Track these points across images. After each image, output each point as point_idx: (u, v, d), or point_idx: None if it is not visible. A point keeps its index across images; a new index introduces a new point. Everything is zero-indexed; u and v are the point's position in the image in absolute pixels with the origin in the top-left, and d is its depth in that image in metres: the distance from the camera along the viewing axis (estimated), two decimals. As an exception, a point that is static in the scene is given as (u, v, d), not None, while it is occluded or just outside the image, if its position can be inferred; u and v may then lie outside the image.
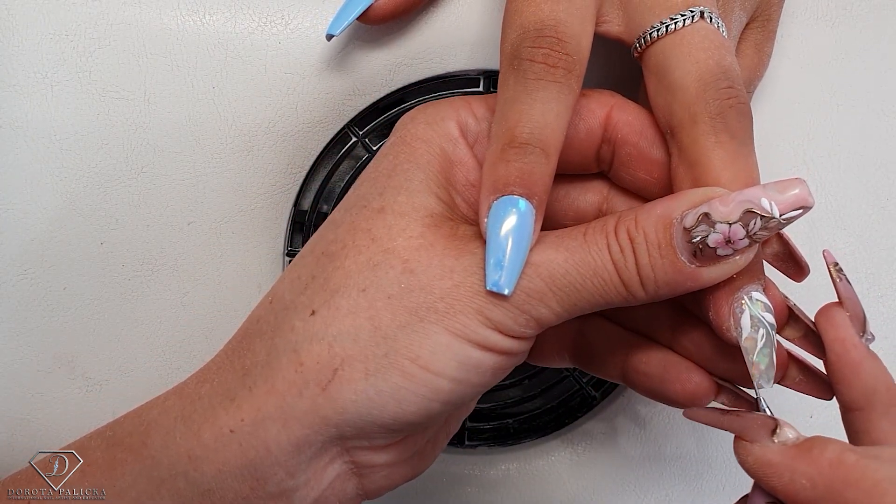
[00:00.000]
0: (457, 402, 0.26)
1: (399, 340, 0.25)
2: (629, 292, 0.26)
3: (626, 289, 0.25)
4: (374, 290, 0.25)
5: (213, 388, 0.27)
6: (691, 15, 0.27)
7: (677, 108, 0.26)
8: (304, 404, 0.25)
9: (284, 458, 0.26)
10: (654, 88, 0.27)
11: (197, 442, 0.26)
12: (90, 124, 0.35)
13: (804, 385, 0.30)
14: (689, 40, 0.26)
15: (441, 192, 0.27)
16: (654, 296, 0.26)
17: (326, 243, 0.27)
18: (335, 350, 0.25)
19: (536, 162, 0.25)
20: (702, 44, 0.26)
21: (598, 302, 0.26)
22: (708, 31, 0.27)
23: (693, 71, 0.26)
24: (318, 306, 0.26)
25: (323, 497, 0.27)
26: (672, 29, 0.27)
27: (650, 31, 0.27)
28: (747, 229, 0.24)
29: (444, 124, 0.28)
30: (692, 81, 0.26)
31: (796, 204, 0.24)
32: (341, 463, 0.27)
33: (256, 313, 0.28)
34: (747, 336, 0.26)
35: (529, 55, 0.25)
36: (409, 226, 0.26)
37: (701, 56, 0.26)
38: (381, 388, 0.25)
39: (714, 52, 0.26)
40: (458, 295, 0.25)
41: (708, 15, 0.27)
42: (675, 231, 0.25)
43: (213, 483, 0.26)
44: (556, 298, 0.25)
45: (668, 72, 0.27)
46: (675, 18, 0.27)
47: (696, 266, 0.25)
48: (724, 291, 0.26)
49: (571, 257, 0.25)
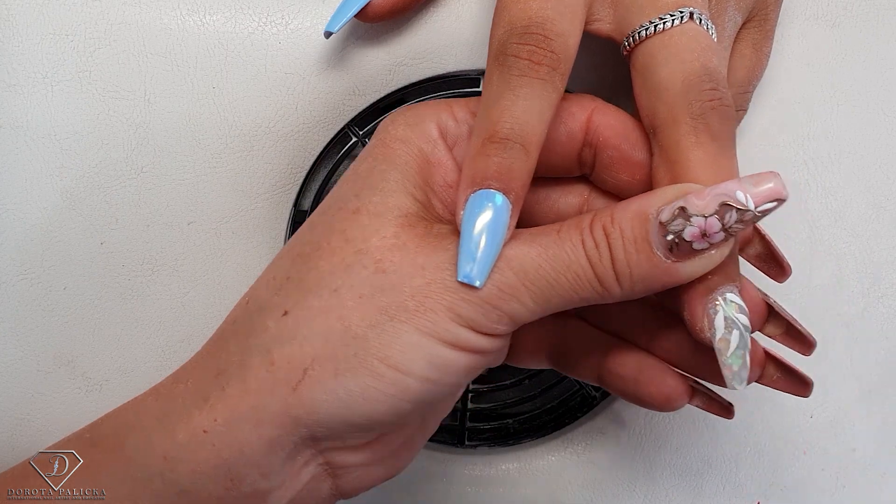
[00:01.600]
0: (429, 402, 0.26)
1: (369, 340, 0.25)
2: (604, 288, 0.26)
3: (601, 284, 0.25)
4: (346, 290, 0.25)
5: (188, 388, 0.27)
6: (680, 15, 0.27)
7: (660, 107, 0.26)
8: (276, 404, 0.25)
9: (257, 458, 0.26)
10: (639, 88, 0.28)
11: (172, 443, 0.26)
12: (90, 124, 0.34)
13: (781, 382, 0.30)
14: (676, 41, 0.27)
15: (417, 193, 0.27)
16: (629, 292, 0.26)
17: (302, 245, 0.27)
18: (306, 350, 0.25)
19: (516, 158, 0.25)
20: (688, 45, 0.26)
21: (572, 298, 0.26)
22: (696, 32, 0.27)
23: (678, 71, 0.26)
24: (290, 307, 0.26)
25: (298, 498, 0.27)
26: (660, 29, 0.27)
27: (638, 31, 0.27)
28: (723, 222, 0.24)
29: (423, 126, 0.28)
30: (676, 82, 0.26)
31: (771, 196, 0.24)
32: (315, 465, 0.27)
33: (233, 314, 0.28)
34: (721, 337, 0.26)
35: (515, 51, 0.25)
36: (383, 226, 0.26)
37: (686, 57, 0.26)
38: (351, 388, 0.25)
39: (700, 53, 0.26)
40: (428, 292, 0.25)
41: (697, 16, 0.27)
42: (652, 226, 0.25)
43: (189, 484, 0.26)
44: (529, 294, 0.25)
45: (654, 71, 0.27)
46: (663, 18, 0.27)
47: (672, 261, 0.25)
48: (698, 292, 0.26)
49: (545, 252, 0.25)
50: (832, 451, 0.40)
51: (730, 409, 0.31)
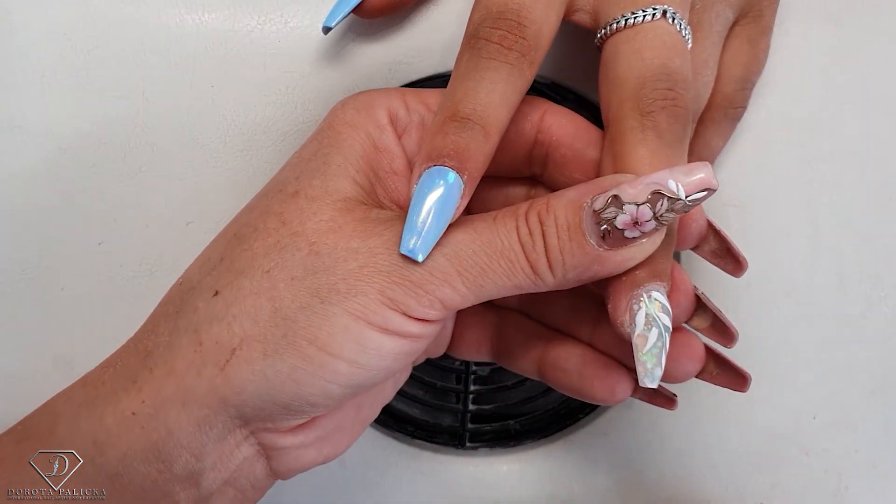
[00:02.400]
0: (359, 386, 0.26)
1: (298, 322, 0.25)
2: (537, 275, 0.26)
3: (534, 271, 0.26)
4: (278, 271, 0.25)
5: (116, 371, 0.27)
6: (652, 12, 0.27)
7: (614, 100, 0.27)
8: (203, 385, 0.25)
9: (187, 439, 0.26)
10: (601, 79, 0.28)
11: (100, 427, 0.26)
12: (88, 123, 0.34)
13: (721, 378, 0.30)
14: (642, 37, 0.27)
15: (359, 177, 0.27)
16: (562, 280, 0.26)
17: (239, 226, 0.27)
18: (234, 330, 0.25)
19: (473, 138, 0.25)
20: (652, 42, 0.27)
21: (505, 285, 0.26)
22: (664, 30, 0.27)
23: (636, 67, 0.26)
24: (221, 287, 0.26)
25: (233, 478, 0.27)
26: (630, 23, 0.27)
27: (611, 23, 0.27)
28: (654, 210, 0.24)
29: (373, 111, 0.28)
30: (632, 77, 0.26)
31: (701, 186, 0.24)
32: (248, 445, 0.27)
33: (166, 296, 0.28)
34: (639, 333, 0.26)
35: (486, 35, 0.26)
36: (320, 209, 0.26)
37: (647, 54, 0.26)
38: (279, 369, 0.25)
39: (662, 51, 0.27)
40: (360, 275, 0.25)
41: (671, 15, 0.27)
42: (586, 214, 0.25)
43: (119, 467, 0.26)
44: (461, 278, 0.25)
45: (615, 64, 0.27)
46: (635, 13, 0.27)
47: (605, 249, 0.25)
48: (624, 285, 0.26)
49: (479, 237, 0.25)
50: (835, 453, 0.39)
51: (673, 400, 0.32)
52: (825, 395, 0.39)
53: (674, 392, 0.31)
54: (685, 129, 0.27)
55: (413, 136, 0.29)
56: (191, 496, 0.27)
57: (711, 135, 0.35)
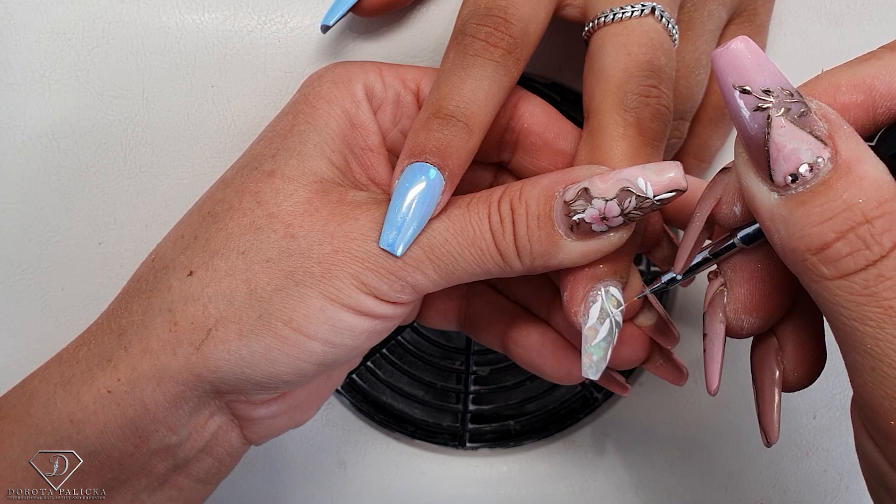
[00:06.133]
0: (331, 363, 0.27)
1: (273, 303, 0.25)
2: (506, 263, 0.26)
3: (503, 259, 0.26)
4: (254, 252, 0.26)
5: (91, 350, 0.27)
6: (641, 9, 0.27)
7: (598, 92, 0.27)
8: (178, 363, 0.26)
9: (163, 414, 0.26)
10: (586, 71, 0.28)
11: (77, 405, 0.26)
12: (88, 123, 0.34)
13: (663, 369, 0.31)
14: (629, 32, 0.27)
15: (335, 157, 0.28)
16: (530, 267, 0.26)
17: (213, 203, 0.28)
18: (209, 311, 0.26)
19: (456, 135, 0.25)
20: (639, 38, 0.27)
21: (475, 271, 0.26)
22: (651, 28, 0.27)
23: (622, 61, 0.27)
24: (196, 267, 0.26)
25: (208, 447, 0.28)
26: (618, 18, 0.27)
27: (599, 17, 0.28)
28: (622, 207, 0.25)
29: (350, 85, 0.28)
30: (618, 71, 0.26)
31: (670, 186, 0.24)
32: (221, 416, 0.28)
33: (138, 272, 0.28)
34: (591, 325, 0.26)
35: (473, 31, 0.26)
36: (296, 191, 0.26)
37: (634, 50, 0.27)
38: (254, 349, 0.25)
39: (649, 48, 0.27)
40: (335, 260, 0.25)
41: (659, 13, 0.27)
42: (556, 203, 0.25)
43: (97, 444, 0.26)
44: (433, 266, 0.26)
45: (601, 58, 0.27)
46: (623, 9, 0.27)
47: (572, 239, 0.25)
48: (584, 277, 0.27)
49: (452, 226, 0.26)
50: (835, 452, 0.39)
51: (626, 387, 0.32)
52: (825, 395, 0.39)
53: (625, 378, 0.32)
54: (666, 127, 0.27)
55: (388, 112, 0.29)
56: (168, 465, 0.28)
57: (709, 135, 0.35)
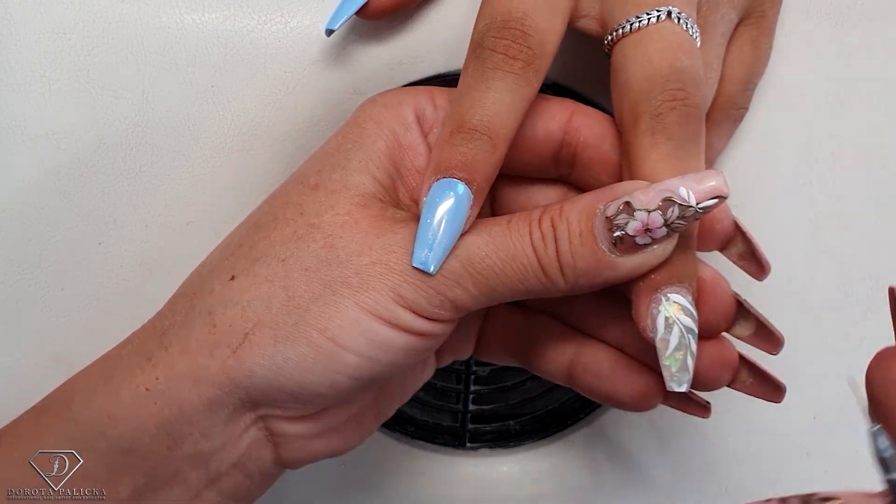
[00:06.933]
0: (366, 379, 0.26)
1: (310, 311, 0.26)
2: (549, 279, 0.26)
3: (546, 276, 0.26)
4: (294, 260, 0.26)
5: (133, 348, 0.28)
6: (657, 14, 0.27)
7: (625, 106, 0.27)
8: (215, 365, 0.26)
9: (197, 417, 0.26)
10: (612, 86, 0.28)
11: (116, 401, 0.26)
12: (88, 123, 0.34)
13: (754, 388, 0.30)
14: (648, 39, 0.27)
15: (380, 174, 0.28)
16: (573, 285, 0.26)
17: (260, 214, 0.28)
18: (248, 315, 0.26)
19: (481, 149, 0.25)
20: (658, 44, 0.27)
21: (517, 288, 0.26)
22: (670, 31, 0.27)
23: (644, 70, 0.26)
24: (238, 272, 0.27)
25: (241, 463, 0.28)
26: (636, 27, 0.27)
27: (618, 28, 0.27)
28: (665, 217, 0.25)
29: (400, 108, 0.29)
30: (639, 80, 0.26)
31: (712, 193, 0.24)
32: (256, 429, 0.28)
33: (188, 277, 0.29)
34: (660, 337, 0.26)
35: (491, 45, 0.26)
36: (337, 203, 0.27)
37: (654, 56, 0.26)
38: (288, 356, 0.26)
39: (669, 52, 0.26)
40: (373, 272, 0.25)
41: (676, 15, 0.27)
42: (598, 220, 0.25)
43: (131, 442, 0.26)
44: (473, 281, 0.26)
45: (624, 69, 0.27)
46: (640, 17, 0.27)
47: (616, 255, 0.25)
48: (643, 290, 0.26)
49: (492, 241, 0.26)
50: (836, 453, 0.39)
51: (707, 408, 0.31)
52: (825, 395, 0.39)
53: (707, 400, 0.31)
54: (698, 126, 0.27)
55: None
56: (200, 476, 0.27)
57: (713, 136, 0.35)
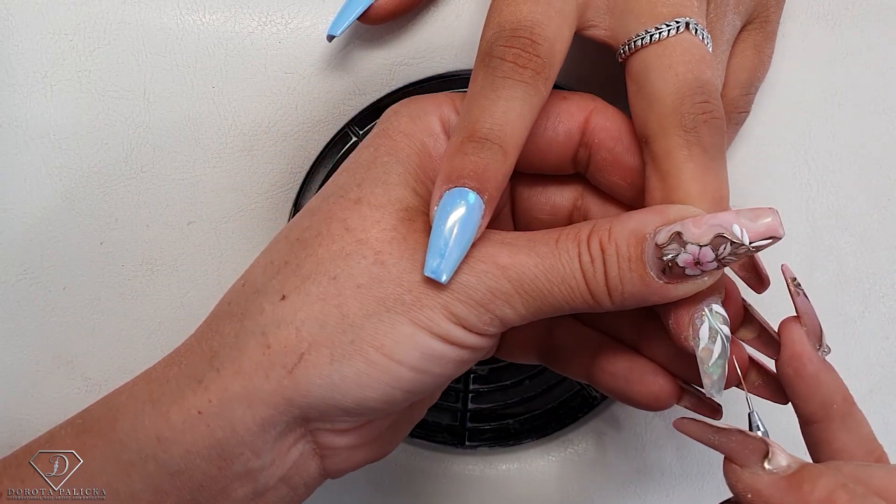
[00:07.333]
0: (418, 391, 0.27)
1: (365, 329, 0.26)
2: (596, 301, 0.26)
3: (594, 298, 0.26)
4: (345, 278, 0.26)
5: (181, 370, 0.27)
6: (676, 26, 0.27)
7: (653, 118, 0.27)
8: (270, 386, 0.26)
9: (250, 437, 0.26)
10: (633, 96, 0.28)
11: (165, 424, 0.26)
12: (90, 124, 0.34)
13: (762, 389, 0.30)
14: (671, 52, 0.27)
15: (418, 187, 0.28)
16: (620, 306, 0.26)
17: (302, 230, 0.28)
18: (302, 335, 0.26)
19: (492, 158, 0.25)
20: (682, 56, 0.27)
21: (563, 308, 0.26)
22: (691, 43, 0.27)
23: (671, 83, 0.26)
24: (288, 291, 0.26)
25: (287, 476, 0.28)
26: (656, 39, 0.27)
27: (635, 40, 0.27)
28: (717, 253, 0.25)
29: (426, 119, 0.29)
30: (669, 94, 0.26)
31: (767, 233, 0.24)
32: (304, 443, 0.28)
33: (228, 296, 0.29)
34: (704, 346, 0.26)
35: (500, 53, 0.26)
36: (383, 218, 0.27)
37: (681, 69, 0.27)
38: (346, 374, 0.26)
39: (694, 65, 0.27)
40: (425, 289, 0.26)
41: (693, 27, 0.27)
42: (647, 246, 0.25)
43: (181, 464, 0.26)
44: (522, 301, 0.26)
45: (648, 82, 0.27)
46: (659, 28, 0.27)
47: (664, 282, 0.25)
48: (686, 302, 0.26)
49: (542, 263, 0.26)
50: (833, 452, 0.40)
51: (718, 410, 0.32)
52: (824, 395, 0.39)
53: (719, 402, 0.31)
54: (724, 136, 0.27)
55: None
56: (247, 492, 0.27)
57: None
